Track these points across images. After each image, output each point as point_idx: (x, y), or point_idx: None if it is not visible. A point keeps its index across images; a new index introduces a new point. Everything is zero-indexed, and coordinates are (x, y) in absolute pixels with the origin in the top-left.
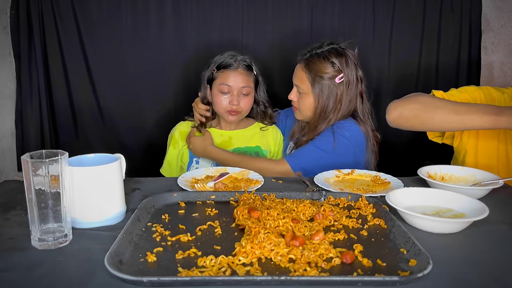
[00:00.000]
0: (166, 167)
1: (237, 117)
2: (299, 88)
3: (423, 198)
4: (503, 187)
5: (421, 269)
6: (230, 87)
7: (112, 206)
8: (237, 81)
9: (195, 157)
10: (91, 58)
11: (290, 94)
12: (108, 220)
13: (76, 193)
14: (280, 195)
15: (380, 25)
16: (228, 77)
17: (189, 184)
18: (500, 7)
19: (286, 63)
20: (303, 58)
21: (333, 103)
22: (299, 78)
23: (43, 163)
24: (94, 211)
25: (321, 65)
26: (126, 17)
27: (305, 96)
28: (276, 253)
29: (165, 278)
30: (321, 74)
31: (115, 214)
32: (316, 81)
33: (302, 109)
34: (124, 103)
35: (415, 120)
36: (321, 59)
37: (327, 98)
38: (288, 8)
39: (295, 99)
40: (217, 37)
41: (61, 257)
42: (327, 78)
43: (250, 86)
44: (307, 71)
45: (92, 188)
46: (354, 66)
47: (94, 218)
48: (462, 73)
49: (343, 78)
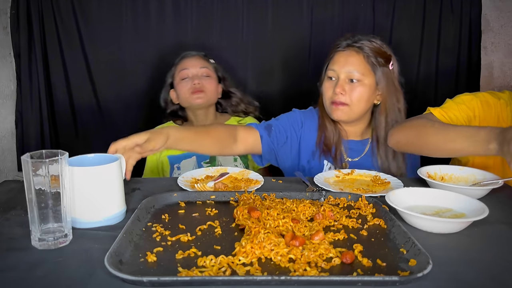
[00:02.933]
0: (148, 173)
1: (202, 97)
2: (353, 75)
3: (423, 198)
4: (503, 187)
5: (421, 269)
6: (188, 69)
7: (112, 206)
8: (194, 63)
9: (176, 163)
10: (91, 58)
11: (336, 88)
12: (108, 220)
13: (76, 193)
14: (280, 195)
15: (380, 25)
16: (185, 63)
17: (189, 184)
18: (500, 7)
19: (286, 63)
20: (347, 43)
21: (395, 92)
22: (353, 63)
23: (43, 163)
24: (94, 211)
25: (376, 48)
26: (126, 17)
27: (360, 85)
28: (276, 253)
29: (165, 278)
30: (380, 56)
31: (115, 214)
32: (377, 65)
33: (356, 102)
34: (124, 103)
35: (412, 147)
36: (371, 42)
37: (389, 85)
38: (288, 8)
39: (344, 92)
40: (217, 37)
41: (61, 257)
42: (385, 62)
43: (209, 68)
44: (364, 53)
45: (92, 188)
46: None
47: (94, 218)
48: (462, 73)
49: (393, 64)
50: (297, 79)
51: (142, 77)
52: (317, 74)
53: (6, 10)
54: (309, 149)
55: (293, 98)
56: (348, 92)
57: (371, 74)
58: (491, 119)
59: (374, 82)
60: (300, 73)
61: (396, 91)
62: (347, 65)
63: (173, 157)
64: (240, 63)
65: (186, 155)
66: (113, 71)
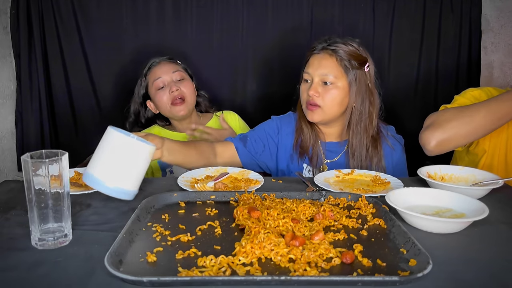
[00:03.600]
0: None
1: (184, 105)
2: (326, 78)
3: (423, 198)
4: (503, 187)
5: (421, 269)
6: (161, 78)
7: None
8: (165, 70)
9: (167, 167)
10: (91, 58)
11: (310, 90)
12: (118, 192)
13: (108, 154)
14: (280, 195)
15: (380, 25)
16: (155, 72)
17: (189, 184)
18: (500, 7)
19: (286, 63)
20: (323, 46)
21: (367, 94)
22: (326, 66)
23: (43, 163)
24: (112, 177)
25: (350, 50)
26: (126, 17)
27: (334, 88)
28: (276, 253)
29: (165, 278)
30: (353, 59)
31: (128, 190)
32: (349, 68)
33: (329, 105)
34: (124, 103)
35: (459, 138)
36: (348, 46)
37: (363, 88)
38: (288, 8)
39: (317, 94)
40: (217, 37)
41: (61, 257)
42: (358, 64)
43: (181, 70)
44: (337, 56)
45: (124, 157)
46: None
47: (108, 183)
48: (462, 73)
49: (369, 66)
50: (297, 79)
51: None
52: None
53: (6, 10)
54: (287, 153)
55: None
56: (321, 94)
57: (344, 76)
58: None
59: (347, 84)
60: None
61: (370, 93)
62: (321, 68)
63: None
64: (240, 63)
65: None
66: (113, 71)
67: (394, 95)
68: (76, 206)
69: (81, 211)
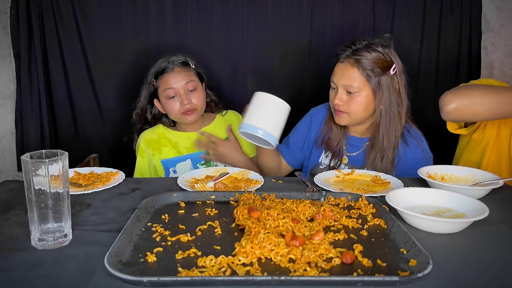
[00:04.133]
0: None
1: (194, 115)
2: (350, 88)
3: (423, 198)
4: (503, 187)
5: (421, 269)
6: (174, 89)
7: (276, 130)
8: (178, 80)
9: (170, 167)
10: (91, 58)
11: (335, 99)
12: (264, 134)
13: (263, 105)
14: (280, 195)
15: (380, 25)
16: (168, 80)
17: (189, 184)
18: (500, 7)
19: (286, 63)
20: (349, 55)
21: (395, 96)
22: (349, 77)
23: (43, 163)
24: (264, 123)
25: (372, 57)
26: (126, 17)
27: (358, 96)
28: (276, 253)
29: (165, 278)
30: (375, 66)
31: (272, 135)
32: (373, 76)
33: (354, 112)
34: (124, 103)
35: (478, 108)
36: (371, 52)
37: (389, 91)
38: (288, 8)
39: (342, 102)
40: (217, 37)
41: (61, 257)
42: (382, 70)
43: (194, 79)
44: (360, 66)
45: (276, 112)
46: (398, 57)
47: (260, 125)
48: (462, 73)
49: (396, 69)
50: (297, 79)
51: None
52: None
53: (6, 10)
54: (313, 138)
55: (294, 98)
56: (346, 103)
57: (367, 85)
58: None
59: (371, 92)
60: (300, 73)
61: (398, 95)
62: (343, 79)
63: (167, 160)
64: (240, 63)
65: (180, 158)
66: (113, 71)
67: None
68: (76, 206)
69: (81, 211)
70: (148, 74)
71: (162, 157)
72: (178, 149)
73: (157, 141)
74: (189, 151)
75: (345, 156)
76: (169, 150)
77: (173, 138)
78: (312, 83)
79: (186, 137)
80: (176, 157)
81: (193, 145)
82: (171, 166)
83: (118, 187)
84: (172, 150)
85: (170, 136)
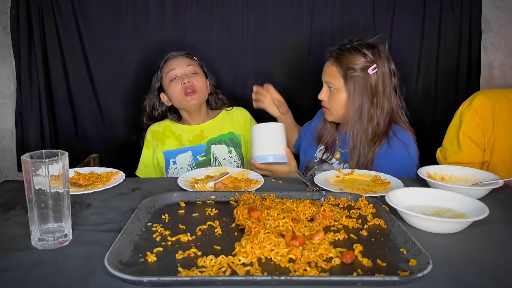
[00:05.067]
0: (142, 169)
1: (196, 96)
2: (330, 84)
3: (423, 198)
4: (503, 187)
5: (421, 269)
6: (175, 70)
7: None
8: (180, 63)
9: (171, 158)
10: (91, 58)
11: (320, 94)
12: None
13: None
14: (280, 195)
15: (380, 25)
16: (171, 64)
17: (189, 184)
18: (500, 7)
19: (286, 63)
20: (332, 54)
21: (369, 96)
22: (329, 74)
23: (43, 163)
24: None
25: (352, 57)
26: (126, 17)
27: (337, 93)
28: (276, 253)
29: (165, 278)
30: (353, 65)
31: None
32: (349, 74)
33: (334, 108)
34: (124, 103)
35: None
36: (352, 52)
37: (362, 91)
38: (288, 8)
39: (326, 98)
40: (217, 37)
41: (61, 257)
42: (360, 70)
43: (195, 65)
44: (338, 64)
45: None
46: (386, 59)
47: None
48: (462, 73)
49: (376, 69)
50: (297, 79)
51: (142, 78)
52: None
53: (6, 10)
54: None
55: (294, 98)
56: (329, 99)
57: (343, 82)
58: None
59: (348, 89)
60: (300, 73)
61: (373, 96)
62: (325, 76)
63: (169, 152)
64: (240, 63)
65: (182, 150)
66: (113, 71)
67: None
68: (76, 206)
69: (81, 211)
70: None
71: (165, 148)
72: (180, 141)
73: (162, 133)
74: (191, 144)
75: (337, 151)
76: (171, 142)
77: (177, 131)
78: (311, 83)
79: (189, 130)
80: (178, 149)
81: (195, 138)
82: (172, 157)
83: (118, 187)
84: (175, 142)
85: (174, 129)
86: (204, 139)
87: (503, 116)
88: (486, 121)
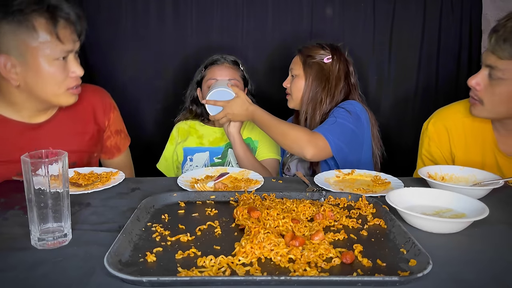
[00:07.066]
0: (163, 162)
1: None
2: (292, 72)
3: (423, 198)
4: (503, 187)
5: (421, 269)
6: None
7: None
8: (223, 74)
9: (189, 155)
10: (91, 59)
11: (284, 82)
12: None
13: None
14: (280, 195)
15: (380, 26)
16: (214, 71)
17: (189, 184)
18: (500, 7)
19: (286, 63)
20: (299, 48)
21: (322, 82)
22: (293, 63)
23: (43, 163)
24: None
25: (313, 48)
26: (126, 17)
27: (297, 79)
28: (276, 253)
29: (165, 278)
30: (312, 54)
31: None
32: (308, 61)
33: (294, 92)
34: (124, 103)
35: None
36: (315, 45)
37: (316, 75)
38: (288, 8)
39: (288, 85)
40: (217, 37)
41: (61, 257)
42: (317, 58)
43: (237, 79)
44: (301, 54)
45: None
46: (344, 58)
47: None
48: (462, 73)
49: (331, 60)
50: None
51: (142, 78)
52: None
53: None
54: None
55: None
56: (291, 85)
57: (303, 68)
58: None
59: (306, 74)
60: None
61: (326, 81)
62: (291, 65)
63: (188, 149)
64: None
65: (201, 149)
66: (113, 71)
67: (394, 95)
68: (76, 206)
69: (80, 211)
70: (201, 64)
71: (186, 144)
72: (201, 140)
73: (187, 130)
74: (211, 145)
75: None
76: (193, 139)
77: (201, 130)
78: None
79: (212, 131)
80: (197, 147)
81: (215, 139)
82: (190, 154)
83: (118, 187)
84: (196, 140)
85: (199, 128)
86: (223, 142)
87: (458, 133)
88: (443, 141)
